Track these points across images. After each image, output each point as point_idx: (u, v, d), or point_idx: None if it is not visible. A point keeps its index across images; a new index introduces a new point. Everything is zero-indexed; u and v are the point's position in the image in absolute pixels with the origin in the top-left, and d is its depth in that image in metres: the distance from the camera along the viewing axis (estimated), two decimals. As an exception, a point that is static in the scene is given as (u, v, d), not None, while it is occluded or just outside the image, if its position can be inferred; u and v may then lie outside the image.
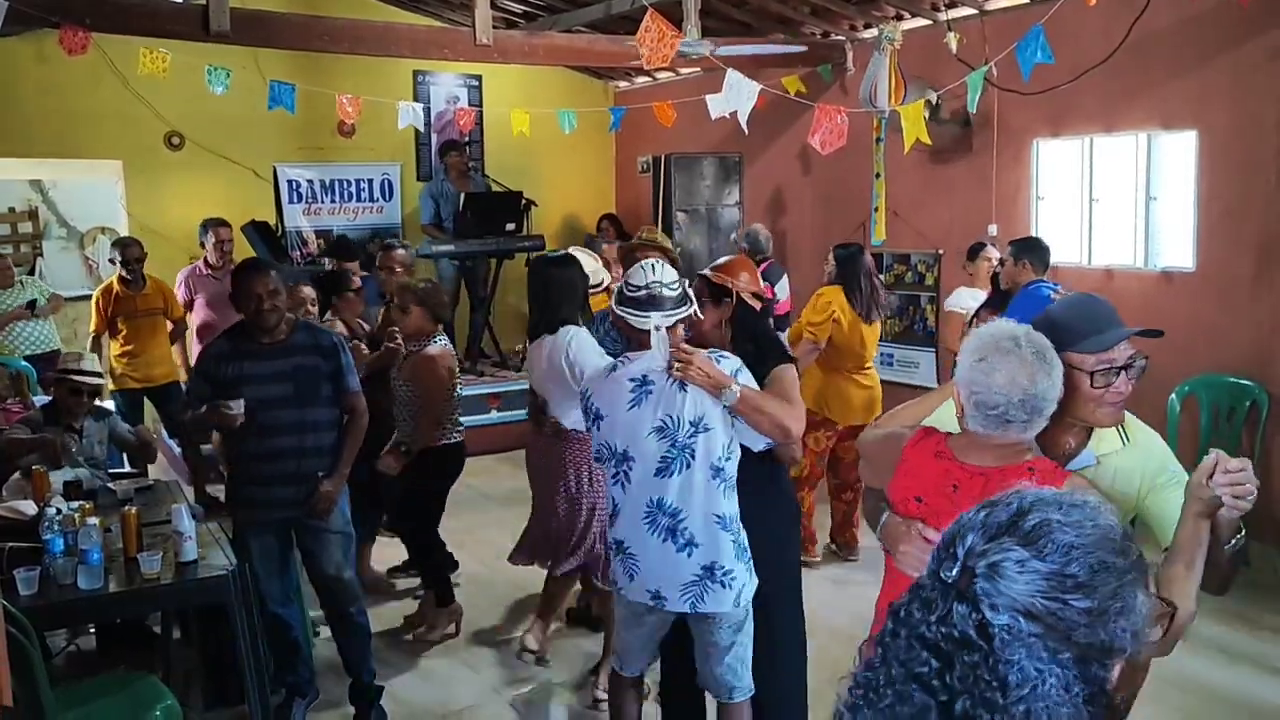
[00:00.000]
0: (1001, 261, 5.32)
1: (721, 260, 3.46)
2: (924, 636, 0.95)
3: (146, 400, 6.67)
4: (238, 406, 3.56)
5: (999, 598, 0.93)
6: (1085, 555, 0.94)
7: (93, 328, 6.68)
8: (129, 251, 6.57)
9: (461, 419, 4.79)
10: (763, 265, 6.46)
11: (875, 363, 5.68)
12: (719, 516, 2.90)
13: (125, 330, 6.52)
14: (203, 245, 6.95)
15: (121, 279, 6.53)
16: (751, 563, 2.98)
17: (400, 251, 5.75)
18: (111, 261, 6.75)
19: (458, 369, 4.96)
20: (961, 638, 0.93)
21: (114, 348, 6.59)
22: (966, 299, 5.86)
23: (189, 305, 6.82)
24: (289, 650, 3.93)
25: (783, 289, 6.75)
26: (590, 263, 4.94)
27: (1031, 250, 5.11)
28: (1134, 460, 2.18)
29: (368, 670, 3.97)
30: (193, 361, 6.20)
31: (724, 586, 2.90)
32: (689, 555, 2.89)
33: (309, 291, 4.99)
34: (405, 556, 5.33)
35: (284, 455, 3.71)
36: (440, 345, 4.66)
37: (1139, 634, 0.95)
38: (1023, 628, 0.92)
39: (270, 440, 3.70)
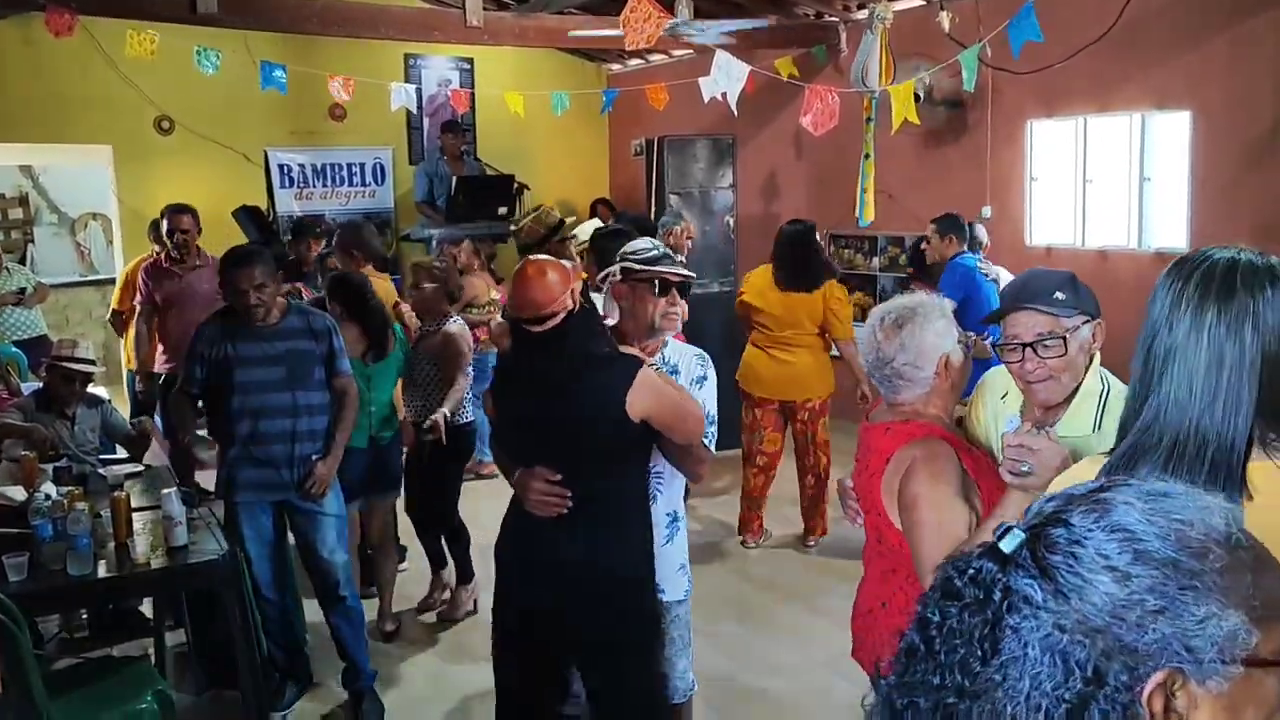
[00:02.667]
0: (927, 239, 5.72)
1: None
2: (950, 584, 0.90)
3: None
4: (209, 458, 3.64)
5: (1030, 564, 0.87)
6: (1135, 542, 0.85)
7: (122, 304, 6.52)
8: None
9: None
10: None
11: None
12: None
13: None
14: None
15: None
16: None
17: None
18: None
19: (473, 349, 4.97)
20: (982, 594, 0.87)
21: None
22: None
23: (149, 302, 5.83)
24: (282, 635, 3.93)
25: None
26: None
27: (954, 226, 5.63)
28: (1089, 446, 2.04)
29: (362, 655, 3.96)
30: (134, 354, 6.05)
31: None
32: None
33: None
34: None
35: (277, 438, 3.71)
36: (459, 324, 4.69)
37: (1195, 650, 0.82)
38: (1038, 598, 0.85)
39: (263, 423, 3.70)
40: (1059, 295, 2.02)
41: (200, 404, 3.92)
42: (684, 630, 2.99)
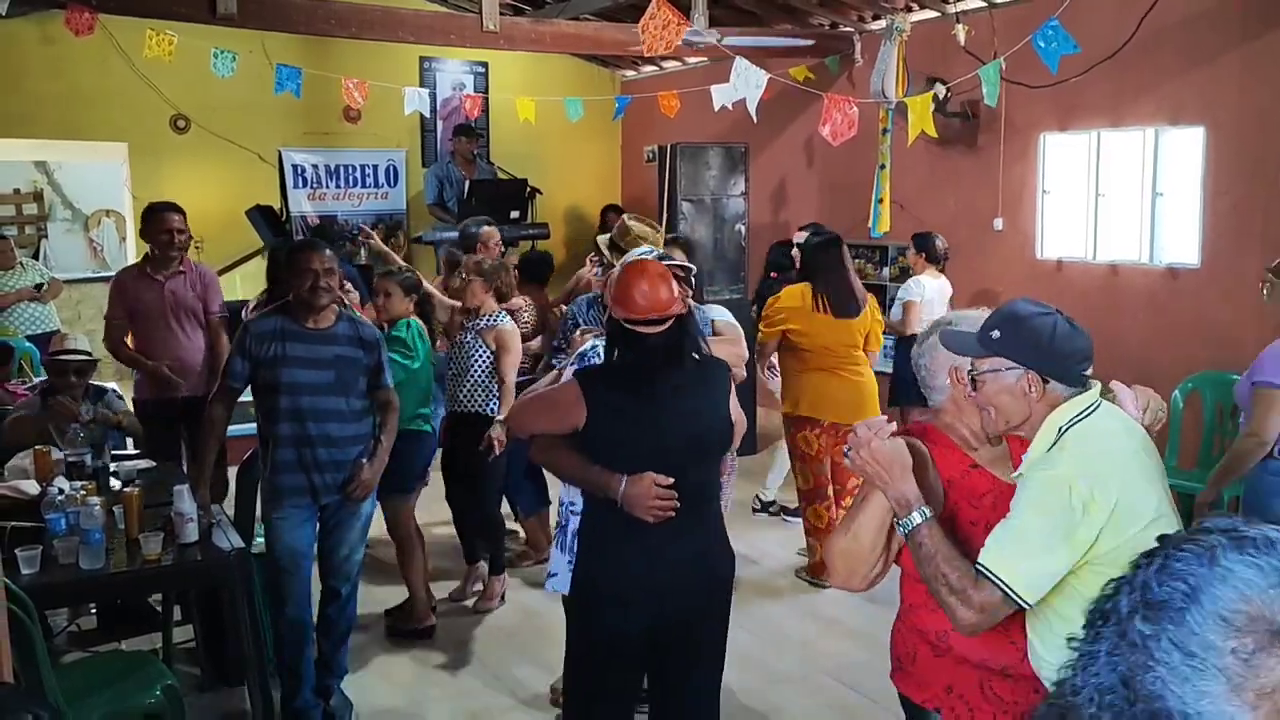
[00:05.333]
0: (799, 246, 5.73)
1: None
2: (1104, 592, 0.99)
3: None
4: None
5: (1133, 593, 0.94)
6: (1176, 590, 0.90)
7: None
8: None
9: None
10: None
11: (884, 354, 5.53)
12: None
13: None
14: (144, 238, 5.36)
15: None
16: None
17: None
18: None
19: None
20: (1106, 610, 0.96)
21: None
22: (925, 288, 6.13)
23: (121, 316, 5.27)
24: (296, 653, 3.80)
25: None
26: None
27: (819, 234, 5.80)
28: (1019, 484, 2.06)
29: (342, 652, 3.95)
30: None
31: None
32: None
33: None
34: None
35: (321, 442, 3.66)
36: (509, 322, 4.77)
37: (1189, 715, 0.84)
38: (1133, 630, 0.92)
39: (309, 426, 3.64)
40: (994, 334, 2.03)
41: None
42: None
